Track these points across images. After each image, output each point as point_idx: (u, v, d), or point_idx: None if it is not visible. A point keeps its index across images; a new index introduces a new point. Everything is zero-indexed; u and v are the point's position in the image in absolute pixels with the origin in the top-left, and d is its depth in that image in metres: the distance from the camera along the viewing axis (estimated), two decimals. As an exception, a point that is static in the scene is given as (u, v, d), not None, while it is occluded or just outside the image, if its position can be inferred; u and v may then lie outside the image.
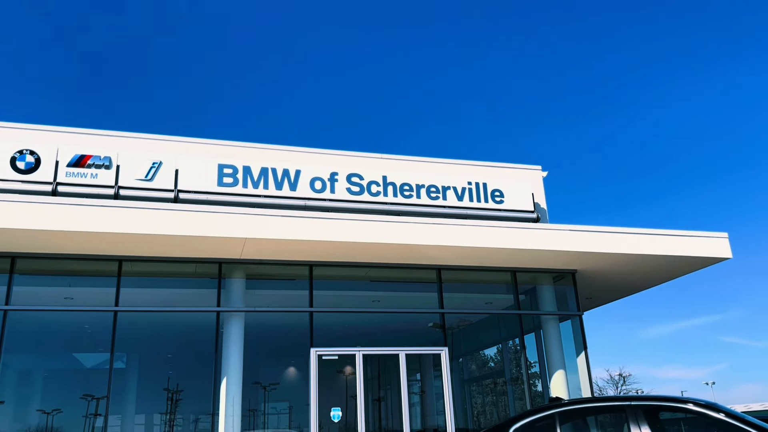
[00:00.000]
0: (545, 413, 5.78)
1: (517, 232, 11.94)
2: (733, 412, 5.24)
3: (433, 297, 12.89)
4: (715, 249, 12.60)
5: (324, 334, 11.99)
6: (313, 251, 11.41)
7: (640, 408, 5.37)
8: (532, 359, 14.10)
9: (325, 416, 11.57)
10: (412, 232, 11.34)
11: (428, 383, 15.87)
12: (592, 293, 15.13)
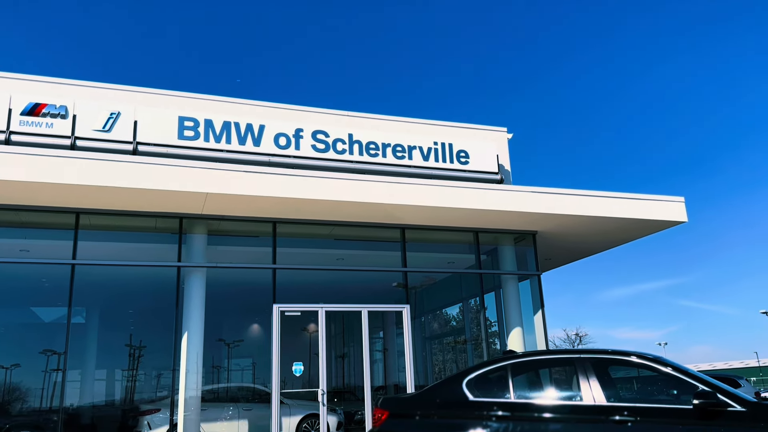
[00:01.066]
0: (498, 365, 5.94)
1: (480, 193, 12.04)
2: (679, 365, 5.46)
3: (396, 256, 12.98)
4: (672, 213, 12.93)
5: (287, 292, 12.01)
6: (277, 208, 11.33)
7: (589, 360, 5.56)
8: (492, 318, 14.42)
9: (288, 372, 11.69)
10: (377, 190, 11.34)
11: (390, 341, 16.13)
12: (551, 254, 15.45)
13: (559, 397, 5.63)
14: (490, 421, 5.46)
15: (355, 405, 13.46)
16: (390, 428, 5.88)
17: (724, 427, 4.80)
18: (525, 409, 5.47)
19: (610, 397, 5.29)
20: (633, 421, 5.05)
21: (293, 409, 11.84)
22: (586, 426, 5.17)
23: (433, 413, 5.75)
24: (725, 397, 4.94)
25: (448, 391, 5.88)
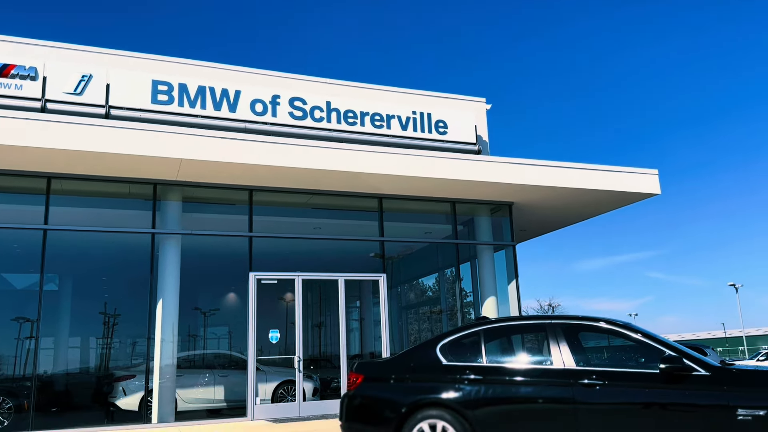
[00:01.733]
0: (471, 330, 6.04)
1: (458, 164, 12.06)
2: (647, 331, 5.60)
3: (373, 225, 13.00)
4: (645, 185, 13.11)
5: (264, 260, 11.98)
6: (253, 176, 11.23)
7: (559, 326, 5.67)
8: (467, 289, 14.59)
9: (264, 339, 11.74)
10: (355, 159, 11.29)
11: (367, 310, 16.25)
12: (526, 225, 15.61)
13: (530, 362, 5.74)
14: (462, 384, 5.56)
15: (331, 372, 13.58)
16: (364, 391, 5.96)
17: (689, 390, 4.95)
18: (496, 372, 5.57)
19: (579, 362, 5.41)
20: (601, 384, 5.18)
21: (269, 375, 11.92)
22: (556, 389, 5.29)
23: (407, 377, 5.83)
24: (690, 362, 5.08)
25: (422, 356, 5.96)
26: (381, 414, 5.75)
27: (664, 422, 4.94)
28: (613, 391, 5.14)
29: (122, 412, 11.25)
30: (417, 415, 5.56)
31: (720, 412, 4.80)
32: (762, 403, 4.71)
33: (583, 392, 5.19)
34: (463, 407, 5.44)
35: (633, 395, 5.09)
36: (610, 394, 5.13)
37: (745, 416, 4.72)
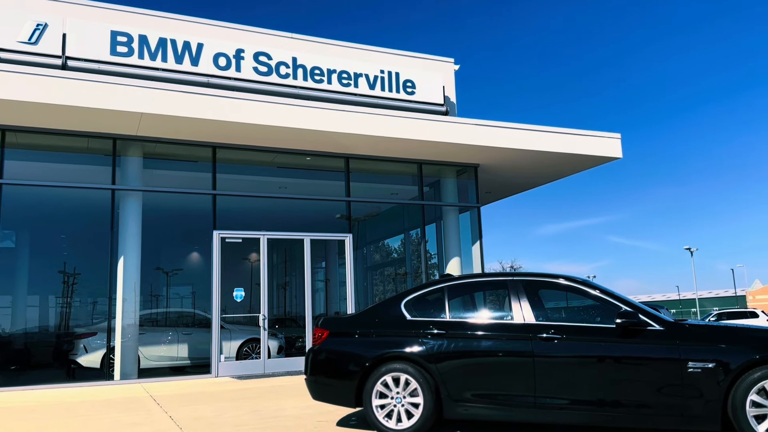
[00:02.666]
0: (435, 287, 6.12)
1: (426, 125, 12.03)
2: (605, 288, 5.75)
3: (340, 186, 12.95)
4: (608, 149, 13.32)
5: (228, 219, 11.85)
6: (217, 132, 11.02)
7: (520, 282, 5.79)
8: (432, 250, 14.72)
9: (229, 299, 11.69)
10: (321, 118, 11.15)
11: (332, 271, 16.29)
12: (491, 188, 15.76)
13: (491, 317, 5.86)
14: (426, 339, 5.66)
15: (296, 332, 13.66)
16: (330, 346, 6.02)
17: (644, 344, 5.14)
18: (459, 327, 5.68)
19: (539, 317, 5.55)
20: (559, 338, 5.33)
21: (234, 333, 11.93)
22: (516, 343, 5.42)
23: (372, 332, 5.90)
24: (645, 317, 5.26)
25: (386, 311, 6.03)
26: (346, 368, 5.82)
27: (619, 374, 5.13)
28: (570, 345, 5.30)
29: (84, 369, 11.15)
30: (381, 369, 5.65)
31: (672, 364, 4.99)
32: (711, 356, 4.92)
33: (541, 346, 5.34)
34: (426, 361, 5.55)
35: (590, 349, 5.25)
36: (568, 348, 5.29)
37: (695, 368, 4.93)
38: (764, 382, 4.74)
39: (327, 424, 6.21)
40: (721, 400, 4.82)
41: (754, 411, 4.72)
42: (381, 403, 5.60)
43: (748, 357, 4.81)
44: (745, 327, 5.37)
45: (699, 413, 4.87)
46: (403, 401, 5.56)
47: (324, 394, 6.02)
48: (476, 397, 5.41)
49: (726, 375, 4.82)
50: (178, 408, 7.50)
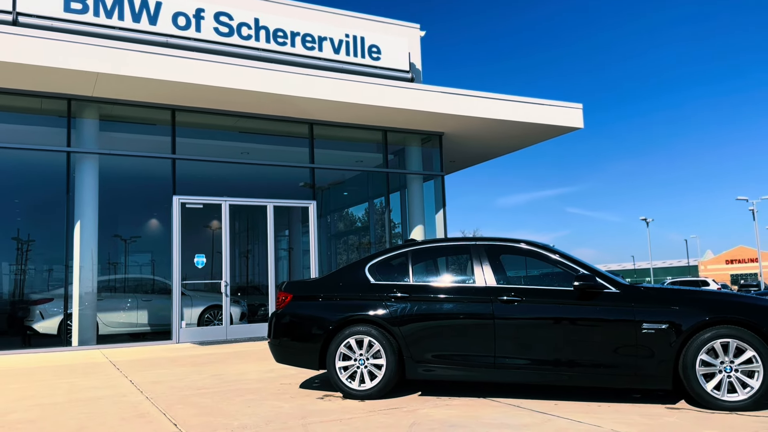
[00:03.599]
0: (399, 251, 6.14)
1: (391, 91, 11.94)
2: (565, 252, 5.86)
3: (304, 152, 12.81)
4: (569, 118, 13.47)
5: (189, 184, 11.64)
6: (176, 94, 10.73)
7: (482, 247, 5.86)
8: (396, 220, 14.76)
9: (190, 266, 11.54)
10: (285, 82, 10.95)
11: (296, 240, 16.19)
12: (455, 157, 15.82)
13: (454, 281, 5.93)
14: (389, 302, 5.70)
15: (259, 299, 13.61)
16: (293, 310, 6.01)
17: (600, 306, 5.27)
18: (422, 290, 5.73)
19: (500, 281, 5.63)
20: (519, 300, 5.43)
21: (195, 300, 11.81)
22: (478, 305, 5.50)
23: (335, 295, 5.91)
24: (602, 280, 5.39)
25: (351, 275, 6.04)
26: (309, 331, 5.83)
27: (576, 335, 5.26)
28: (529, 307, 5.41)
29: (40, 336, 10.92)
30: (345, 331, 5.68)
31: (627, 326, 5.15)
32: (664, 318, 5.08)
33: (502, 308, 5.43)
34: (389, 323, 5.59)
35: (548, 311, 5.37)
36: (527, 310, 5.40)
37: (648, 329, 5.09)
38: (714, 342, 4.92)
39: (290, 386, 6.24)
40: (672, 359, 5.00)
41: (704, 370, 4.91)
42: (344, 365, 5.64)
43: (699, 319, 4.99)
44: (697, 290, 5.56)
45: (652, 372, 5.04)
46: (366, 363, 5.61)
47: (287, 357, 6.04)
48: (438, 358, 5.50)
49: (678, 336, 4.99)
50: (138, 372, 7.43)
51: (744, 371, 4.84)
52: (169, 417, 4.91)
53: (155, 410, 5.20)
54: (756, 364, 4.81)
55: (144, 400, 5.68)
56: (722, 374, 4.87)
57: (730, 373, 4.86)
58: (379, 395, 5.53)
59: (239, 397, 5.74)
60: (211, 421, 4.72)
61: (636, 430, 4.24)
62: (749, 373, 4.83)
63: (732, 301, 5.16)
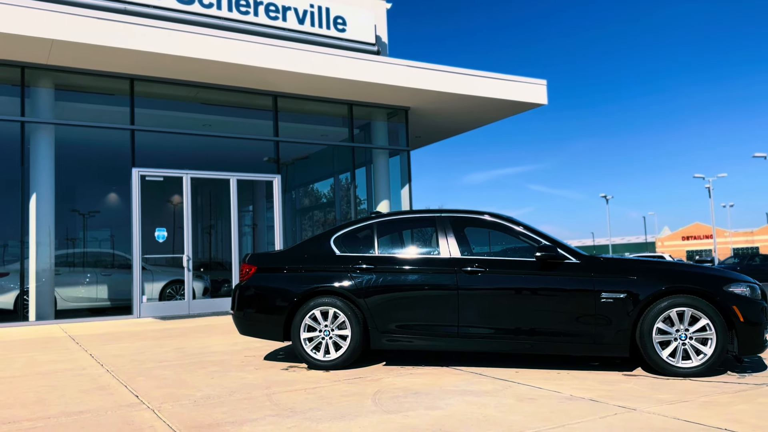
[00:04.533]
0: (365, 223, 6.13)
1: (357, 64, 11.81)
2: (528, 224, 5.93)
3: (268, 125, 12.62)
4: (533, 94, 13.56)
5: (149, 157, 11.36)
6: (134, 63, 10.41)
7: (447, 219, 5.90)
8: (362, 195, 14.73)
9: (151, 241, 11.33)
10: (248, 52, 10.72)
11: (260, 216, 16.04)
12: (421, 132, 15.81)
13: (419, 252, 5.95)
14: (354, 273, 5.70)
15: (222, 275, 13.46)
16: (257, 282, 5.96)
17: (561, 276, 5.37)
18: (388, 262, 5.74)
19: (464, 252, 5.68)
20: (483, 271, 5.49)
21: (156, 275, 11.62)
22: (442, 276, 5.55)
23: (300, 267, 5.88)
24: (563, 251, 5.48)
25: (316, 247, 6.01)
26: (274, 302, 5.80)
27: (538, 305, 5.36)
28: (493, 278, 5.48)
29: (-5, 311, 10.62)
30: (310, 303, 5.67)
31: (586, 295, 5.26)
32: (623, 287, 5.21)
33: (465, 279, 5.49)
34: (354, 295, 5.60)
35: (511, 281, 5.45)
36: (491, 280, 5.47)
37: (607, 299, 5.22)
38: (670, 311, 5.07)
39: (254, 358, 6.22)
40: (630, 328, 5.14)
41: (660, 338, 5.06)
42: (309, 336, 5.64)
43: (656, 288, 5.13)
44: (654, 261, 5.71)
45: (610, 340, 5.18)
46: (332, 334, 5.62)
47: (251, 329, 6.00)
48: (403, 329, 5.54)
49: (635, 305, 5.13)
50: (99, 346, 7.30)
51: (698, 339, 5.01)
52: (131, 389, 4.85)
53: (116, 382, 5.12)
54: (709, 332, 4.97)
55: (104, 373, 5.59)
56: (677, 342, 5.03)
57: (684, 340, 5.02)
58: (344, 365, 5.55)
59: (202, 369, 5.69)
60: (174, 392, 4.68)
61: (594, 395, 4.36)
62: (703, 340, 5.01)
63: (688, 271, 5.32)
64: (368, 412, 3.96)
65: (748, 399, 4.15)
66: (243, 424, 3.72)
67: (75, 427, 3.75)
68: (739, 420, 3.61)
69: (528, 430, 3.49)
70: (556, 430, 3.47)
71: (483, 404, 4.13)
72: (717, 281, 5.13)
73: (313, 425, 3.67)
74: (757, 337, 5.01)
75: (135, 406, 4.27)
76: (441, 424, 3.64)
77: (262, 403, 4.29)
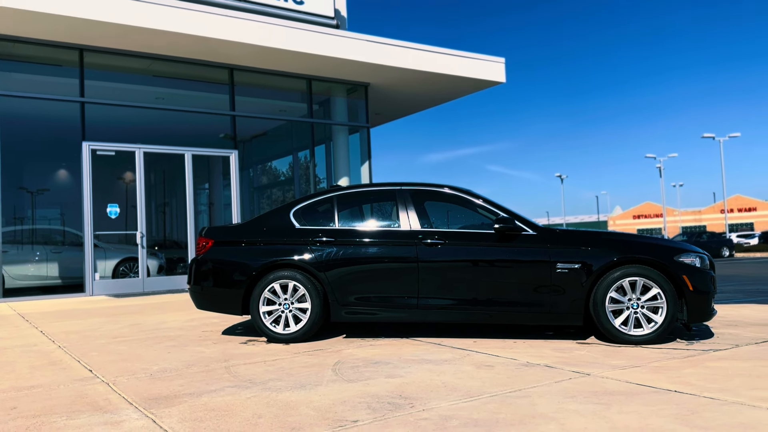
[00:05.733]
0: (325, 196, 6.09)
1: (315, 37, 11.63)
2: (487, 197, 5.98)
3: (224, 99, 12.35)
4: (492, 72, 13.63)
5: (100, 130, 11.00)
6: (83, 33, 10.01)
7: (408, 192, 5.90)
8: (321, 174, 14.61)
9: (103, 218, 11.01)
10: (201, 22, 10.43)
11: (217, 193, 15.77)
12: (380, 109, 15.74)
13: (379, 225, 5.95)
14: (314, 246, 5.66)
15: (178, 253, 13.22)
16: (214, 255, 5.86)
17: (518, 248, 5.45)
18: (348, 235, 5.72)
19: (424, 225, 5.70)
20: (442, 243, 5.53)
21: (109, 252, 11.33)
22: (402, 249, 5.56)
23: (259, 240, 5.81)
24: (521, 223, 5.56)
25: (275, 220, 5.94)
26: (232, 276, 5.72)
27: (496, 276, 5.44)
28: (452, 250, 5.52)
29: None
30: (269, 276, 5.61)
31: (543, 266, 5.35)
32: (577, 258, 5.32)
33: (425, 251, 5.52)
34: (315, 268, 5.56)
35: (470, 253, 5.51)
36: (450, 252, 5.51)
37: (562, 269, 5.32)
38: (622, 281, 5.21)
39: (212, 333, 6.15)
40: (584, 297, 5.26)
41: (612, 307, 5.20)
42: (268, 309, 5.59)
43: (609, 259, 5.25)
44: (607, 232, 5.85)
45: (565, 310, 5.30)
46: (291, 307, 5.58)
47: (209, 304, 5.91)
48: (363, 301, 5.55)
49: (589, 275, 5.24)
50: (50, 324, 7.09)
51: (649, 307, 5.17)
52: (84, 363, 4.73)
53: (69, 358, 4.98)
54: (660, 300, 5.13)
55: (56, 349, 5.44)
56: (629, 310, 5.18)
57: (636, 309, 5.17)
58: (303, 338, 5.54)
59: (159, 344, 5.59)
60: (129, 367, 4.59)
61: (549, 361, 4.47)
62: (654, 309, 5.16)
63: (640, 242, 5.46)
64: (329, 382, 3.96)
65: (695, 363, 4.31)
66: (201, 395, 3.68)
67: (26, 401, 3.64)
68: (687, 382, 3.75)
69: (485, 394, 3.55)
70: (512, 394, 3.54)
71: (442, 372, 4.18)
72: (668, 252, 5.28)
73: (273, 395, 3.65)
74: (705, 306, 5.20)
75: (89, 380, 4.17)
76: (401, 391, 3.67)
77: (221, 375, 4.24)
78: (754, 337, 5.34)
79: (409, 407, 3.31)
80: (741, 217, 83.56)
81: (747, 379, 3.78)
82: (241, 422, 3.11)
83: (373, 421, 3.06)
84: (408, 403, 3.40)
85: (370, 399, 3.49)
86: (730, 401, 3.29)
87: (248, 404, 3.45)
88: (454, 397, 3.51)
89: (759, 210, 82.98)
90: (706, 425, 2.89)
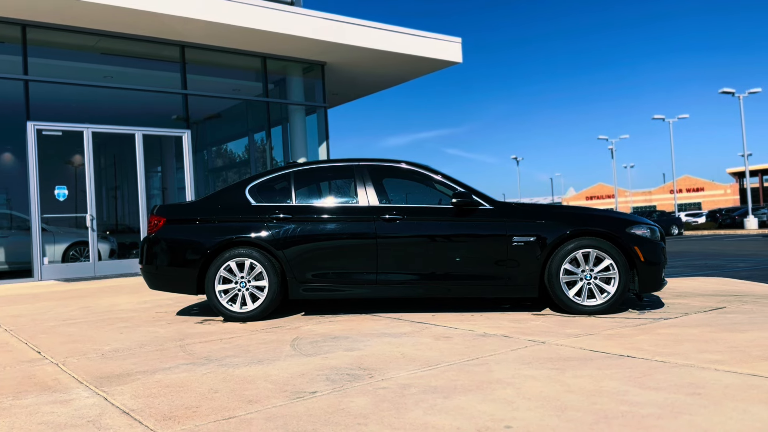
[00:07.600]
0: (281, 173, 5.98)
1: (270, 14, 11.41)
2: (444, 173, 5.99)
3: (176, 77, 12.02)
4: (448, 52, 13.64)
5: (46, 110, 10.58)
6: (26, 7, 9.57)
7: (365, 168, 5.85)
8: (278, 157, 14.41)
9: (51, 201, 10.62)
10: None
11: (169, 177, 15.40)
12: (338, 89, 15.59)
13: (337, 201, 5.90)
14: (271, 223, 5.58)
15: (130, 238, 12.89)
16: (167, 234, 5.71)
17: (475, 222, 5.48)
18: (306, 211, 5.65)
19: (382, 200, 5.68)
20: (401, 219, 5.52)
21: (58, 236, 10.95)
22: (361, 224, 5.53)
23: (214, 218, 5.68)
24: (478, 198, 5.59)
25: (229, 197, 5.82)
26: (185, 255, 5.59)
27: (454, 250, 5.46)
28: (411, 225, 5.52)
29: None
30: (225, 254, 5.50)
31: (500, 239, 5.41)
32: (532, 231, 5.39)
33: (384, 226, 5.50)
34: (272, 245, 5.48)
35: (429, 228, 5.52)
36: (409, 227, 5.51)
37: (518, 242, 5.38)
38: (576, 252, 5.30)
39: (166, 314, 6.02)
40: (539, 270, 5.34)
41: (567, 278, 5.30)
42: (225, 288, 5.49)
43: (563, 231, 5.33)
44: (562, 206, 5.94)
45: (521, 282, 5.37)
46: (248, 285, 5.50)
47: (162, 283, 5.78)
48: (322, 278, 5.50)
49: (543, 248, 5.32)
50: (-5, 310, 6.82)
51: (602, 278, 5.28)
52: (32, 345, 4.56)
53: (15, 340, 4.80)
54: (613, 271, 5.25)
55: (2, 332, 5.23)
56: (583, 281, 5.28)
57: (590, 280, 5.28)
58: (261, 317, 5.47)
59: (111, 325, 5.44)
60: (80, 348, 4.45)
61: (505, 332, 4.53)
62: (607, 279, 5.28)
63: (592, 215, 5.56)
64: (287, 356, 3.92)
65: (647, 331, 4.43)
66: (155, 373, 3.59)
67: (-32, 384, 3.48)
68: (639, 348, 3.85)
69: (443, 363, 3.57)
70: (470, 363, 3.57)
71: (401, 344, 4.19)
72: (620, 224, 5.40)
73: (230, 370, 3.59)
74: (656, 276, 5.34)
75: (37, 362, 4.02)
76: (360, 363, 3.66)
77: (176, 353, 4.15)
78: (703, 306, 5.52)
79: (368, 378, 3.30)
80: (689, 197, 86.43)
81: (696, 344, 3.90)
82: (196, 396, 3.05)
83: (332, 392, 3.04)
84: (367, 374, 3.39)
85: (329, 371, 3.47)
86: (680, 364, 3.39)
87: (204, 380, 3.39)
88: (413, 366, 3.52)
89: (707, 190, 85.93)
90: (658, 386, 2.96)
